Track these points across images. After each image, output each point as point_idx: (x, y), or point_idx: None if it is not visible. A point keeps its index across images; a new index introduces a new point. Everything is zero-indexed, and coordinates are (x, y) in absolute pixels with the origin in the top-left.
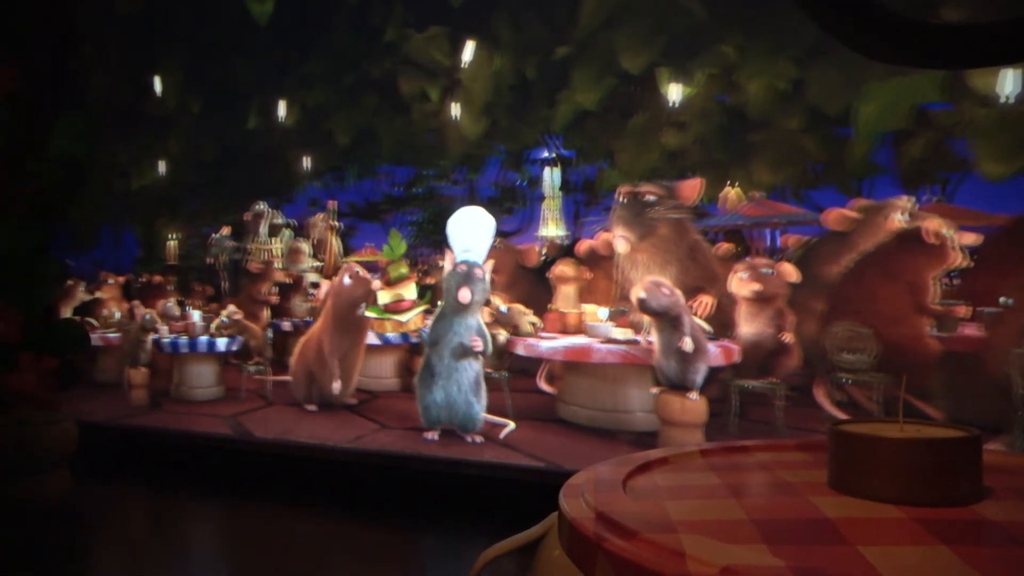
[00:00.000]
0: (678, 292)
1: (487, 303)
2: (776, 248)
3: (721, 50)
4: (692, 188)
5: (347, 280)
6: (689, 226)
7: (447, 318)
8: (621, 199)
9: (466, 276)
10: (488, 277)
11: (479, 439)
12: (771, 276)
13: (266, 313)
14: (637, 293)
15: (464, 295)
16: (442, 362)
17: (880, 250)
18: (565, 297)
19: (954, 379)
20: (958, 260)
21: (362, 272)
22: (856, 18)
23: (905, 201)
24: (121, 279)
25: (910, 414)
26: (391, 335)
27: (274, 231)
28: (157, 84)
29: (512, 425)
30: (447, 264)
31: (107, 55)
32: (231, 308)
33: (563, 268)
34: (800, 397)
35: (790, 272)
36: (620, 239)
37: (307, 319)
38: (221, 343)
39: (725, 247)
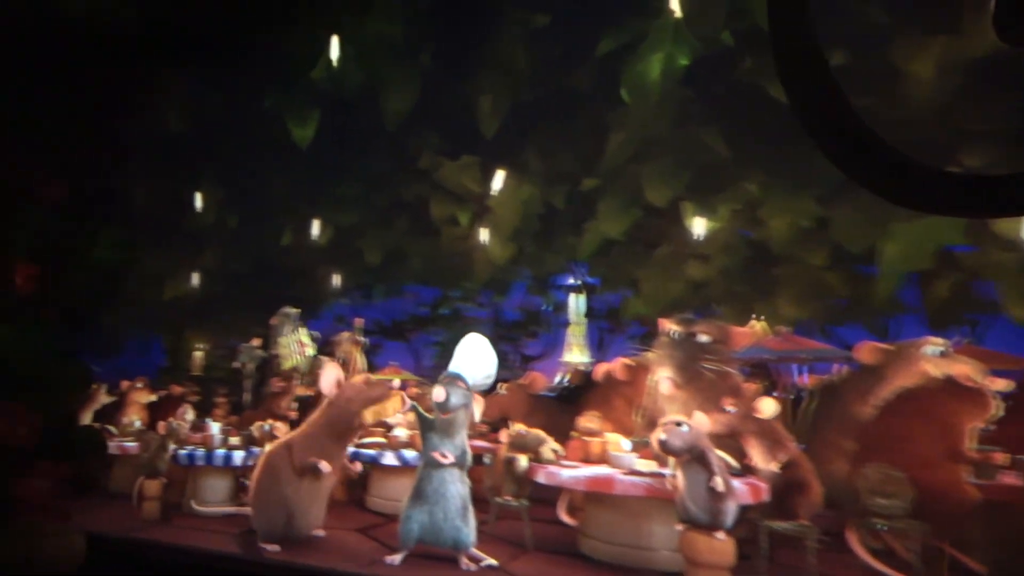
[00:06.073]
0: (700, 427)
1: (497, 427)
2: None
3: (744, 187)
4: (744, 337)
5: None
6: (734, 371)
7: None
8: (672, 335)
9: (448, 382)
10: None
11: (473, 566)
12: (734, 414)
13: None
14: (657, 435)
15: (439, 393)
16: (430, 485)
17: (917, 391)
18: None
19: (996, 530)
20: (995, 409)
21: None
22: (875, 164)
23: (939, 340)
24: (142, 385)
25: (953, 568)
26: None
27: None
28: (197, 199)
29: (494, 563)
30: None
31: (151, 170)
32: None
33: (587, 425)
34: (832, 542)
35: (761, 408)
36: (666, 381)
37: None
38: (237, 456)
39: (752, 386)
